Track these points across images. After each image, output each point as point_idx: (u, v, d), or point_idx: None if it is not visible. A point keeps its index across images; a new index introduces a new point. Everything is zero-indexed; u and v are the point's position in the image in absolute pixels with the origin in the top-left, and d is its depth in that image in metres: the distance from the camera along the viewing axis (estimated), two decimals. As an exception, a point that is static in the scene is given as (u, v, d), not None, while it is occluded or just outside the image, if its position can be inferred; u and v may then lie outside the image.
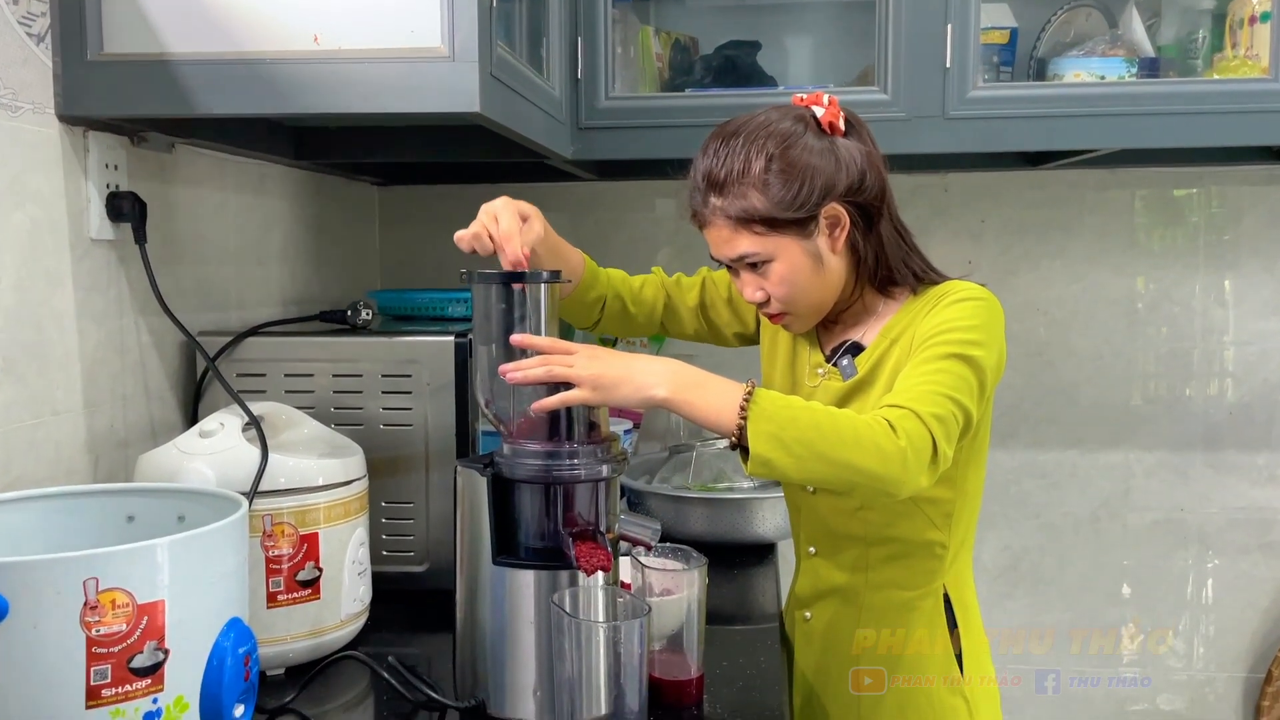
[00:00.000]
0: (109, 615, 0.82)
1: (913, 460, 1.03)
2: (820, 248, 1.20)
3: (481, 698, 1.06)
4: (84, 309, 1.23)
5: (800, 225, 1.18)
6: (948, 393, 1.08)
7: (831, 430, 1.03)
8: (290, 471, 1.18)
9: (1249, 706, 2.22)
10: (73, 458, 1.21)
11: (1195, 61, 1.88)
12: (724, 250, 1.23)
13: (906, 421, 1.04)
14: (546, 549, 1.06)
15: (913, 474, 1.03)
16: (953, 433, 1.08)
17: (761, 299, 1.24)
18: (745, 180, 1.18)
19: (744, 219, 1.18)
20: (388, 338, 1.42)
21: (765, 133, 1.19)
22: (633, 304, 1.43)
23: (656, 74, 1.94)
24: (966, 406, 1.10)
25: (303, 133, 1.65)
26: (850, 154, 1.19)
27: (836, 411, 1.06)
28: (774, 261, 1.20)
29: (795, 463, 1.02)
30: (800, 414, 1.04)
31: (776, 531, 1.67)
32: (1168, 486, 2.21)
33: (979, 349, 1.13)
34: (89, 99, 1.18)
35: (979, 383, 1.12)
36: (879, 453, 1.02)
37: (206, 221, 1.52)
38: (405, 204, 2.28)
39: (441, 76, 1.12)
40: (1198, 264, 2.17)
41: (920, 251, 1.27)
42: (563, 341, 1.10)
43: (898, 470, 1.02)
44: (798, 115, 1.21)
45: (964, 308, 1.17)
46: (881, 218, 1.22)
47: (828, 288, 1.23)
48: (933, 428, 1.05)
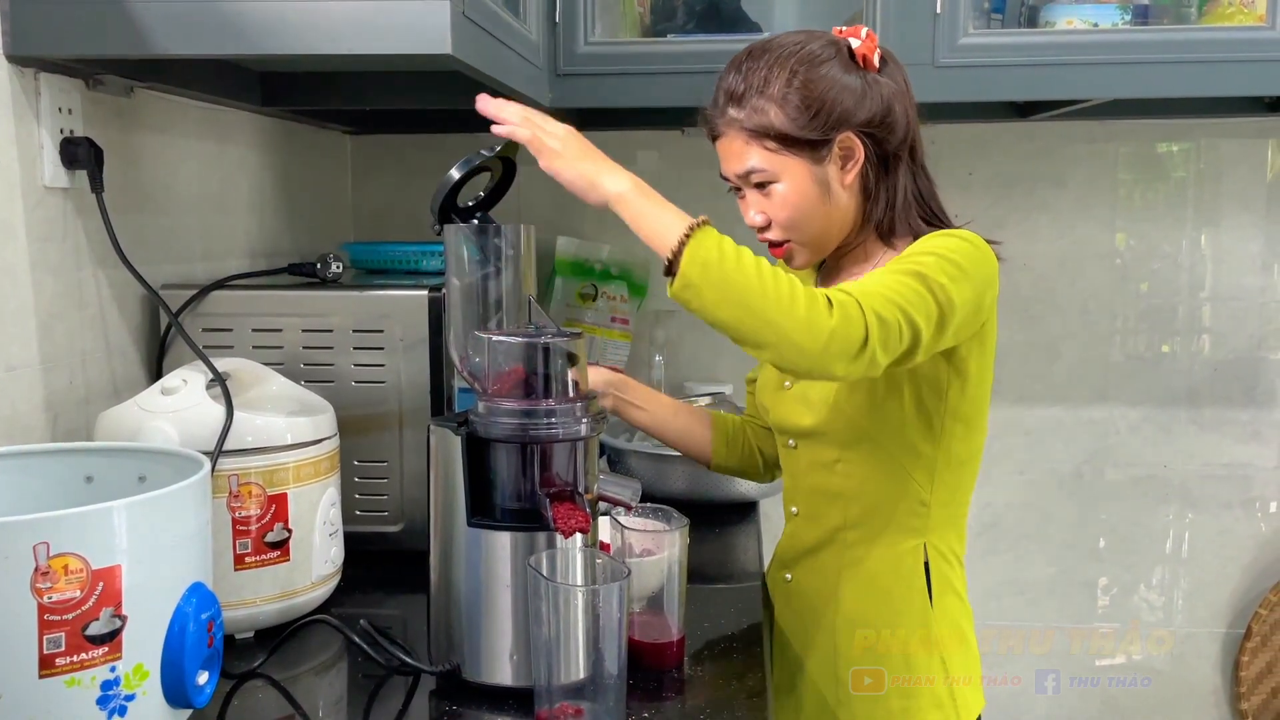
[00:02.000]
0: (61, 581, 0.78)
1: (836, 343, 0.98)
2: (830, 176, 1.17)
3: (456, 662, 1.03)
4: (38, 261, 1.18)
5: (813, 148, 1.16)
6: (901, 303, 1.03)
7: (763, 283, 0.98)
8: (257, 430, 1.14)
9: (1229, 662, 2.23)
10: (29, 415, 1.17)
11: (1189, 9, 1.84)
12: (732, 164, 1.20)
13: (849, 308, 1.00)
14: (523, 510, 1.02)
15: (832, 355, 0.98)
16: (891, 340, 1.02)
17: (763, 222, 1.21)
18: (765, 94, 1.16)
19: (758, 133, 1.17)
20: (359, 291, 1.38)
21: (794, 51, 1.17)
22: (753, 435, 1.44)
23: (638, 19, 1.88)
24: (918, 326, 1.03)
25: (270, 78, 1.59)
26: (878, 88, 1.17)
27: (784, 274, 1.01)
28: (780, 182, 1.18)
29: (716, 296, 0.99)
30: (746, 259, 1.00)
31: (758, 490, 1.65)
32: (1151, 442, 2.20)
33: (951, 282, 1.07)
34: (39, 38, 1.11)
35: (940, 314, 1.06)
36: (805, 321, 0.98)
37: (169, 170, 1.46)
38: (378, 153, 2.22)
39: (411, 16, 1.07)
40: (1185, 218, 2.15)
41: (941, 208, 1.23)
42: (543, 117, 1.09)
43: (816, 345, 0.98)
44: (831, 40, 1.18)
45: (950, 241, 1.13)
46: (900, 162, 1.19)
47: (832, 221, 1.20)
48: (870, 322, 1.00)
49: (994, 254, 1.16)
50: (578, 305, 2.11)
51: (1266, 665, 2.20)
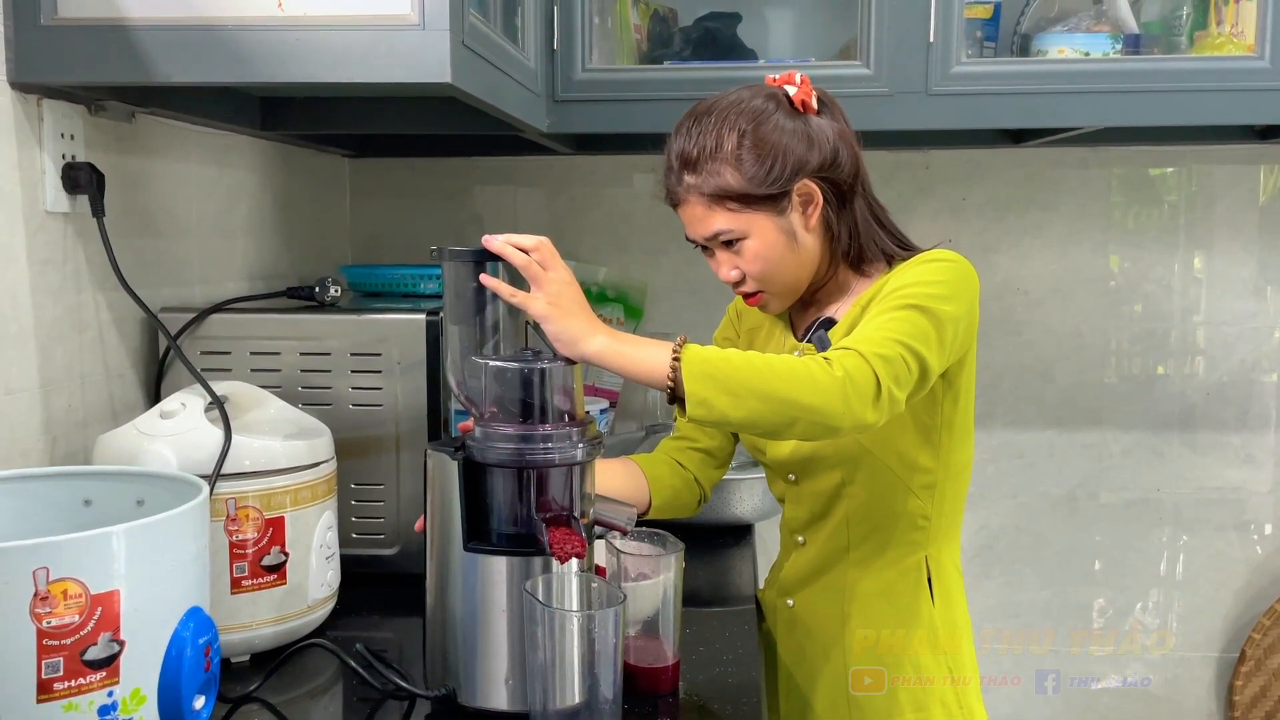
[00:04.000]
0: (60, 606, 0.79)
1: (853, 393, 1.01)
2: (794, 224, 1.20)
3: (452, 686, 1.04)
4: (39, 284, 1.19)
5: (773, 201, 1.18)
6: (898, 338, 1.07)
7: (765, 367, 1.03)
8: (255, 453, 1.15)
9: (1223, 685, 2.23)
10: (28, 439, 1.17)
11: (1180, 38, 1.86)
12: (698, 229, 1.22)
13: (846, 359, 1.04)
14: (519, 535, 1.03)
15: (854, 407, 1.01)
16: (901, 375, 1.05)
17: (736, 278, 1.24)
18: (718, 157, 1.18)
19: (718, 196, 1.19)
20: (357, 315, 1.39)
21: (737, 110, 1.19)
22: (695, 445, 1.40)
23: (634, 46, 1.90)
24: (921, 353, 1.08)
25: (269, 102, 1.61)
26: (823, 132, 1.20)
27: (771, 354, 1.06)
28: (748, 239, 1.20)
29: (733, 400, 1.01)
30: (733, 356, 1.04)
31: (754, 512, 1.65)
32: (1144, 466, 2.21)
33: (941, 302, 1.12)
34: (43, 65, 1.13)
35: (938, 334, 1.10)
36: (814, 385, 1.01)
37: (169, 194, 1.48)
38: (377, 176, 2.23)
39: (411, 45, 1.08)
40: (1177, 243, 2.16)
41: (896, 229, 1.26)
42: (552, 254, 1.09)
43: (837, 402, 1.01)
44: (769, 94, 1.21)
45: (930, 267, 1.17)
46: (855, 195, 1.22)
47: (802, 265, 1.23)
48: (876, 365, 1.03)
49: (972, 266, 1.19)
50: (574, 328, 2.11)
51: (1261, 689, 2.20)
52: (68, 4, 1.11)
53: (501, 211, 2.21)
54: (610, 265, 2.16)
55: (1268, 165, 2.12)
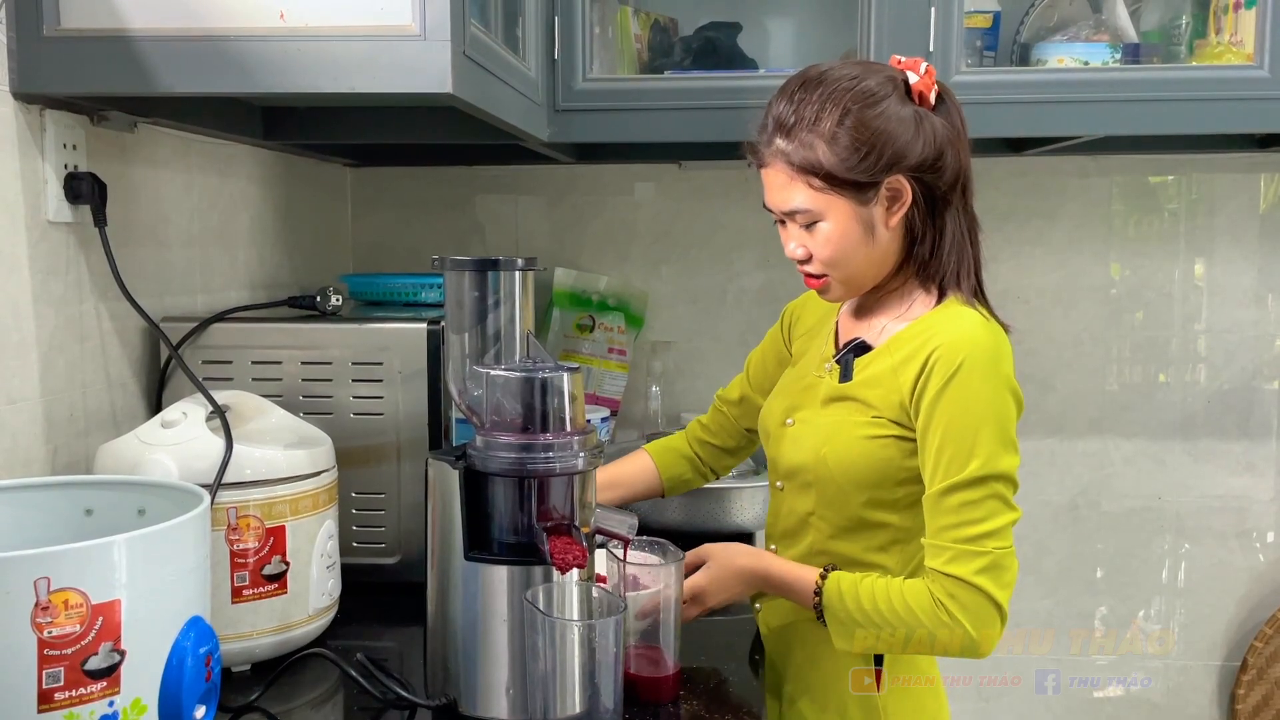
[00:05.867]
0: (61, 616, 0.79)
1: (976, 632, 1.08)
2: (875, 218, 1.15)
3: (453, 696, 1.04)
4: (41, 294, 1.19)
5: (859, 189, 1.13)
6: (986, 529, 1.09)
7: (893, 628, 1.11)
8: (256, 462, 1.15)
9: (1224, 694, 2.23)
10: (30, 448, 1.17)
11: (1179, 48, 1.86)
12: (776, 199, 1.18)
13: (958, 596, 1.08)
14: (520, 544, 1.03)
15: (984, 642, 1.09)
16: (1004, 571, 1.09)
17: (801, 256, 1.19)
18: (815, 130, 1.12)
19: (804, 168, 1.13)
20: (358, 324, 1.39)
21: (848, 86, 1.13)
22: (713, 438, 1.46)
23: (635, 55, 1.91)
24: (1006, 521, 1.10)
25: (271, 112, 1.61)
26: (932, 129, 1.13)
27: (894, 599, 1.11)
28: (824, 220, 1.15)
29: (872, 647, 1.14)
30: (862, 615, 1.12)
31: (755, 521, 1.66)
32: (1145, 474, 2.21)
33: (1000, 446, 1.10)
34: (45, 76, 1.13)
35: (1012, 481, 1.11)
36: (940, 645, 1.10)
37: (171, 203, 1.48)
38: (378, 186, 2.24)
39: (412, 56, 1.09)
40: (1178, 252, 2.16)
41: (979, 261, 1.21)
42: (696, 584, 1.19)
43: (964, 648, 1.09)
44: (888, 76, 1.15)
45: (970, 392, 1.10)
46: (950, 205, 1.16)
47: (872, 262, 1.17)
48: (986, 588, 1.08)
49: (1003, 336, 1.16)
50: (575, 336, 2.12)
51: (1263, 698, 2.19)
52: (70, 15, 1.11)
53: (503, 221, 2.22)
54: (611, 274, 2.16)
55: (1268, 174, 2.12)
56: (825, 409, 1.20)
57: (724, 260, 2.19)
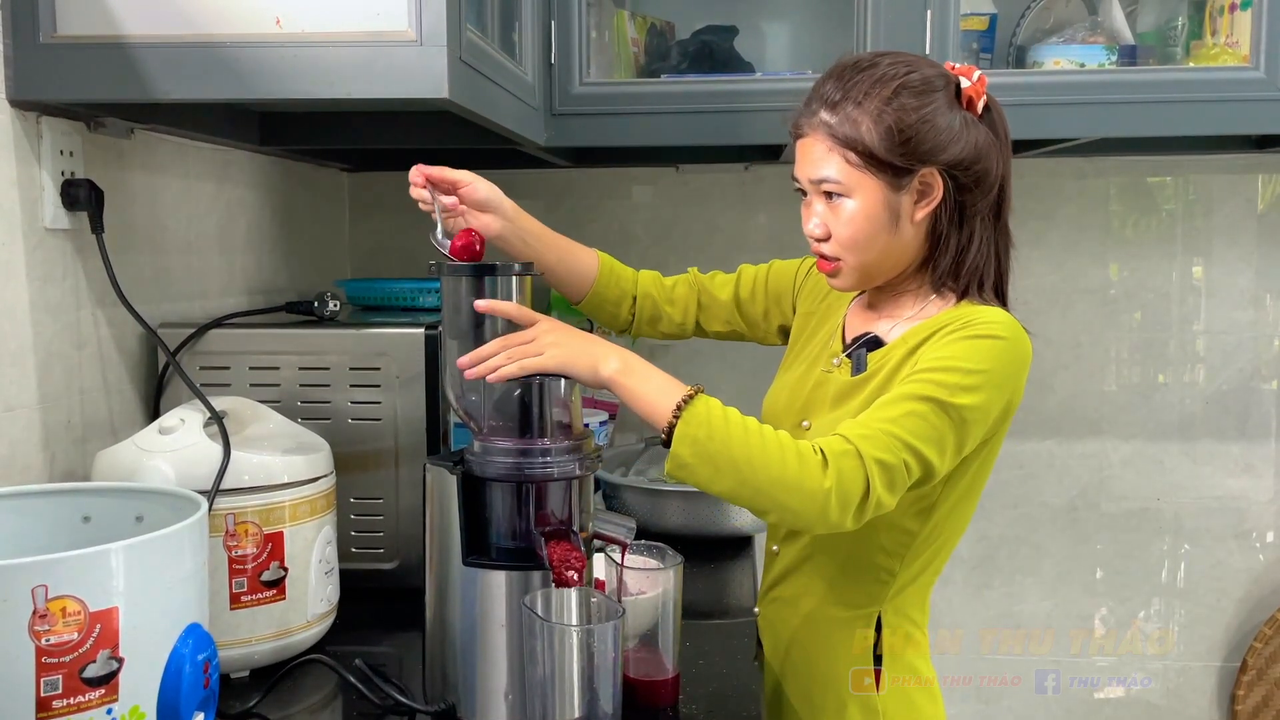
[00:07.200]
0: (59, 624, 0.78)
1: (835, 503, 0.99)
2: (902, 207, 1.13)
3: (451, 701, 1.04)
4: (38, 301, 1.19)
5: (894, 173, 1.12)
6: (907, 439, 1.02)
7: (760, 452, 1.00)
8: (254, 469, 1.15)
9: (1224, 695, 2.23)
10: (27, 455, 1.17)
11: (1175, 49, 1.87)
12: (809, 168, 1.16)
13: (845, 460, 1.00)
14: (518, 549, 1.03)
15: (833, 516, 1.00)
16: (898, 481, 1.02)
17: (820, 234, 1.17)
18: (863, 107, 1.12)
19: (845, 142, 1.12)
20: (356, 329, 1.39)
21: (901, 74, 1.13)
22: (666, 304, 1.42)
23: (632, 59, 1.91)
24: (927, 458, 1.04)
25: (268, 118, 1.61)
26: (974, 134, 1.13)
27: (775, 434, 1.02)
28: (851, 198, 1.13)
29: (712, 473, 1.01)
30: (734, 429, 1.01)
31: (753, 524, 1.65)
32: (1144, 476, 2.21)
33: (968, 395, 1.05)
34: (42, 83, 1.13)
35: (955, 435, 1.05)
36: (800, 490, 0.99)
37: (168, 210, 1.48)
38: (375, 191, 2.24)
39: (409, 61, 1.09)
40: (1175, 253, 2.17)
41: (1005, 274, 1.20)
42: (528, 310, 1.08)
43: (815, 511, 0.99)
44: (942, 74, 1.15)
45: (974, 346, 1.08)
46: (980, 213, 1.15)
47: (890, 253, 1.16)
48: (872, 472, 1.00)
49: (1028, 341, 1.13)
50: (573, 340, 2.11)
51: (1263, 699, 2.19)
52: (67, 22, 1.11)
53: (500, 224, 2.21)
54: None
55: (1265, 174, 2.13)
56: (839, 407, 1.19)
57: (722, 263, 2.18)
